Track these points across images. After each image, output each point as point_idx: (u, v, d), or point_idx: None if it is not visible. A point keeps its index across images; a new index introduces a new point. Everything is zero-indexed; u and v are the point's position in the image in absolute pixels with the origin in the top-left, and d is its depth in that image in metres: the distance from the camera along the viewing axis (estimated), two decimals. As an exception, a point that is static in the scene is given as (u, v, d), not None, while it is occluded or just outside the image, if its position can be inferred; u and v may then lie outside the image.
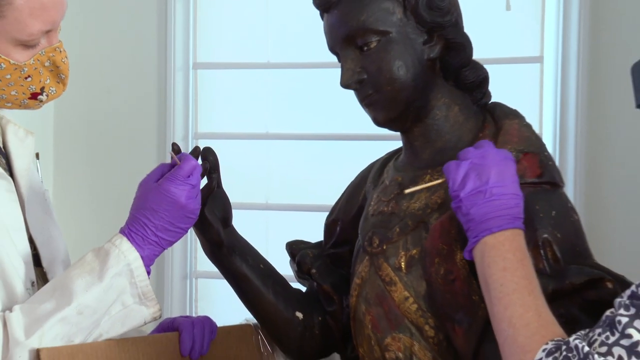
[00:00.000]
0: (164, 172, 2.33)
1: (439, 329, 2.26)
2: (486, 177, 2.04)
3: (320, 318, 2.52)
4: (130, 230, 2.28)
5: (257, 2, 4.30)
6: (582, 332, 1.82)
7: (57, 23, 2.31)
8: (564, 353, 1.80)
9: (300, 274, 2.56)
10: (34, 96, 2.34)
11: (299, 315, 2.51)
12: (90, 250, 2.30)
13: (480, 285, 2.03)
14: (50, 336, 2.17)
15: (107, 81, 4.43)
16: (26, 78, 2.30)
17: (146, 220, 2.27)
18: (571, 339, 1.81)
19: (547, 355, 1.83)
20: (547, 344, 1.85)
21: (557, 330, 1.90)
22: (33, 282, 2.34)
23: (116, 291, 2.26)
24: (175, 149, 2.43)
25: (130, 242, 2.27)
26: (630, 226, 3.42)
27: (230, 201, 2.51)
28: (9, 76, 2.26)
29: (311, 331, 2.53)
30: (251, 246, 2.54)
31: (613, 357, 1.74)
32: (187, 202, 2.28)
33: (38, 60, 2.30)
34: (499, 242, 2.01)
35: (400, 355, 2.31)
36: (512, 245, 2.01)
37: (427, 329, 2.27)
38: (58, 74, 2.37)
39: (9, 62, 2.24)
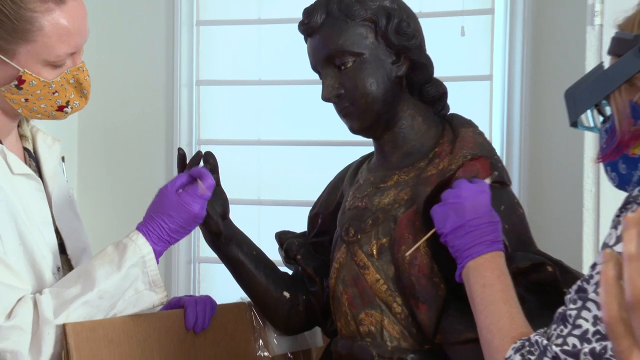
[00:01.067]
0: (183, 183, 2.35)
1: (405, 306, 2.27)
2: (462, 214, 2.10)
3: (304, 297, 2.52)
4: (148, 229, 2.32)
5: (251, 28, 4.28)
6: (542, 330, 1.83)
7: (80, 47, 2.31)
8: (527, 348, 1.83)
9: (287, 260, 2.55)
10: (61, 109, 2.33)
11: (286, 294, 2.51)
12: (110, 244, 2.32)
13: (469, 301, 2.06)
14: (75, 316, 2.19)
15: (123, 95, 4.40)
16: (54, 93, 2.28)
17: (163, 223, 2.31)
18: (532, 335, 1.83)
19: (515, 352, 1.85)
20: (515, 343, 1.87)
21: (526, 331, 1.92)
22: (59, 268, 2.35)
23: (131, 279, 2.29)
24: (181, 153, 2.47)
25: (146, 238, 2.30)
26: (565, 218, 3.42)
27: (228, 197, 2.51)
28: (39, 92, 2.25)
29: (296, 308, 2.52)
30: (245, 236, 2.53)
31: (568, 346, 1.75)
32: (199, 212, 2.33)
33: (64, 78, 2.28)
34: (479, 264, 2.06)
35: (372, 328, 2.31)
36: (490, 265, 2.06)
37: (395, 306, 2.28)
38: (81, 89, 2.35)
39: (39, 79, 2.23)
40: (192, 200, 2.32)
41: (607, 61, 1.87)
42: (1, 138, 2.34)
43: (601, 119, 1.88)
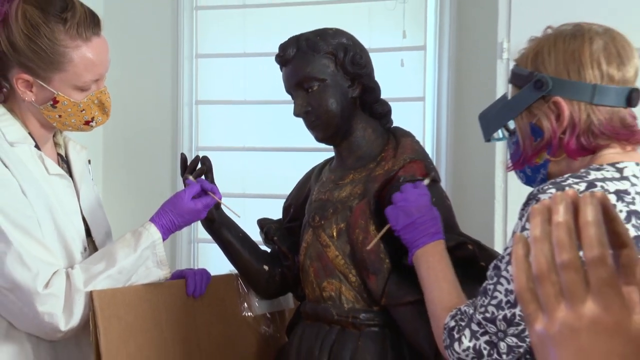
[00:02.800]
0: (197, 191, 2.40)
1: (359, 276, 2.28)
2: (410, 214, 2.12)
3: (279, 269, 2.51)
4: (160, 221, 2.36)
5: (238, 60, 4.26)
6: (470, 301, 1.86)
7: (102, 75, 2.31)
8: (459, 316, 1.86)
9: (266, 240, 2.54)
10: (87, 123, 2.33)
11: (265, 267, 2.50)
12: (129, 231, 2.35)
13: (419, 280, 2.09)
14: (99, 287, 2.22)
15: (139, 112, 4.37)
16: (81, 111, 2.29)
17: (174, 218, 2.37)
18: (462, 306, 1.86)
19: (450, 319, 1.88)
20: (452, 311, 1.89)
21: (460, 302, 1.94)
22: (85, 248, 2.35)
23: (143, 259, 2.32)
24: (183, 157, 2.49)
25: (157, 228, 2.34)
26: (481, 208, 3.43)
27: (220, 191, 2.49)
28: (69, 110, 2.27)
29: (273, 278, 2.51)
30: (234, 222, 2.52)
31: (488, 313, 1.77)
32: (204, 215, 2.41)
33: (90, 99, 2.29)
34: (424, 252, 2.09)
35: (333, 294, 2.32)
36: (432, 252, 2.09)
37: (351, 276, 2.28)
38: (103, 108, 2.35)
39: (70, 100, 2.25)
40: (203, 209, 2.39)
41: (510, 89, 1.88)
42: (40, 146, 2.33)
43: (508, 134, 1.89)
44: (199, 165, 2.46)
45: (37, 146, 2.32)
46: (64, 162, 2.46)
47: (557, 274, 0.85)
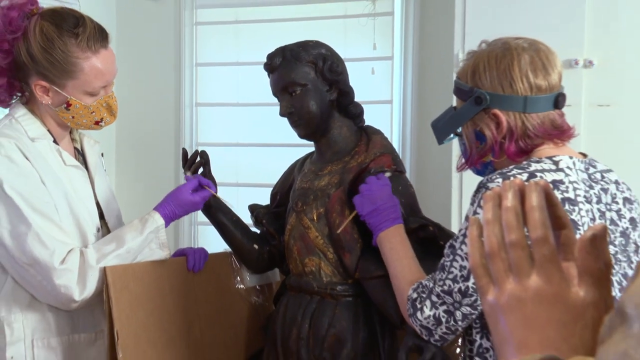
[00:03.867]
0: (195, 186, 2.42)
1: (336, 254, 2.28)
2: (374, 202, 2.13)
3: (267, 248, 2.50)
4: (163, 210, 2.39)
5: (233, 68, 4.26)
6: (430, 275, 1.87)
7: (110, 82, 2.34)
8: (420, 289, 1.86)
9: (256, 223, 2.53)
10: (97, 123, 2.37)
11: (255, 246, 2.49)
12: (137, 218, 2.38)
13: (383, 258, 2.10)
14: (109, 264, 2.24)
15: (146, 112, 4.37)
16: (91, 113, 2.33)
17: (175, 209, 2.40)
18: (423, 280, 1.87)
19: (413, 292, 1.88)
20: (414, 285, 1.90)
21: (421, 276, 1.94)
22: (99, 229, 2.37)
23: (148, 241, 2.35)
24: (184, 151, 2.46)
25: (161, 215, 2.37)
26: (439, 195, 3.43)
27: (216, 180, 2.49)
28: (81, 112, 2.31)
29: (262, 256, 2.50)
30: (228, 207, 2.51)
31: (446, 286, 1.79)
32: (201, 206, 2.47)
33: (99, 102, 2.33)
34: (386, 234, 2.10)
35: (313, 269, 2.31)
36: (394, 234, 2.09)
37: (329, 254, 2.28)
38: (111, 110, 2.38)
39: (81, 104, 2.29)
40: (201, 201, 2.42)
41: (455, 100, 1.91)
42: (58, 141, 2.36)
43: (458, 137, 1.93)
44: (198, 159, 2.45)
45: (55, 141, 2.35)
46: (80, 154, 2.48)
47: (506, 252, 0.86)
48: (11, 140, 2.22)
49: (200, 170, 2.44)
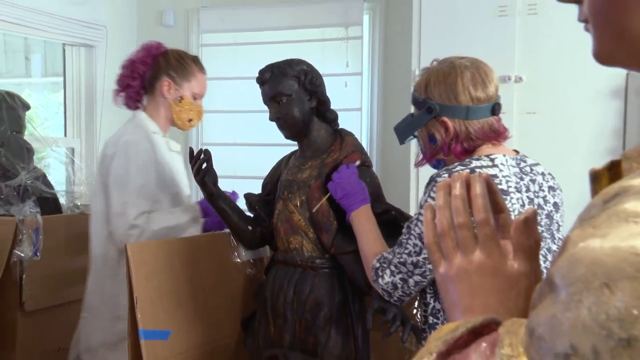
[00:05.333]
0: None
1: (315, 233, 2.27)
2: (344, 187, 2.14)
3: (259, 229, 2.48)
4: (201, 202, 2.71)
5: (233, 82, 4.24)
6: (390, 249, 1.89)
7: (203, 95, 2.82)
8: (382, 260, 1.87)
9: (250, 208, 2.51)
10: (189, 121, 2.78)
11: (250, 227, 2.47)
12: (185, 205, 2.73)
13: (355, 234, 2.09)
14: (157, 228, 2.55)
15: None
16: (189, 111, 2.76)
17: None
18: (384, 253, 1.88)
19: (376, 262, 1.89)
20: (377, 256, 1.90)
21: (384, 250, 1.95)
22: (189, 195, 2.86)
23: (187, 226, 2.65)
24: (191, 150, 2.42)
25: (200, 206, 2.72)
26: (400, 186, 3.42)
27: (217, 173, 2.46)
28: (186, 107, 2.74)
29: (255, 235, 2.48)
30: (227, 195, 2.49)
31: (402, 259, 1.82)
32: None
33: (194, 106, 2.77)
34: (356, 214, 2.09)
35: (297, 246, 2.30)
36: (362, 214, 2.09)
37: (310, 233, 2.27)
38: (199, 115, 2.83)
39: (188, 100, 2.74)
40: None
41: (413, 108, 1.92)
42: (164, 132, 2.77)
43: (416, 139, 1.94)
44: (202, 156, 2.41)
45: (164, 136, 2.75)
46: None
47: (454, 232, 0.86)
48: (143, 133, 2.64)
49: (204, 165, 2.41)
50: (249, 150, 4.28)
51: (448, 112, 1.79)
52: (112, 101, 2.82)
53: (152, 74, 2.73)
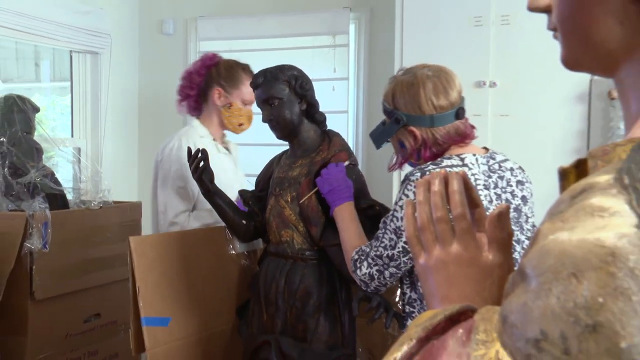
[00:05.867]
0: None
1: (305, 227, 2.26)
2: (331, 183, 2.12)
3: (253, 223, 2.47)
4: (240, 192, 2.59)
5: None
6: (368, 242, 1.88)
7: (252, 101, 2.77)
8: (360, 252, 1.87)
9: (244, 203, 2.50)
10: (239, 125, 2.84)
11: (244, 222, 2.47)
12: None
13: (337, 227, 2.07)
14: (197, 224, 2.67)
15: (162, 119, 4.32)
16: (239, 116, 2.82)
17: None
18: (363, 246, 1.88)
19: (355, 254, 1.88)
20: (357, 249, 1.89)
21: (363, 243, 1.93)
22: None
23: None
24: (189, 149, 2.42)
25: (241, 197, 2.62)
26: (382, 183, 3.42)
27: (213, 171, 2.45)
28: (235, 113, 2.80)
29: (249, 229, 2.47)
30: (223, 192, 2.47)
31: (378, 252, 1.81)
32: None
33: (244, 111, 2.83)
34: (339, 209, 2.08)
35: (288, 239, 2.30)
36: (345, 209, 2.07)
37: (300, 227, 2.27)
38: (249, 120, 2.86)
39: (237, 106, 2.81)
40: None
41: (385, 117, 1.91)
42: (216, 139, 2.85)
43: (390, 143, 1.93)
44: (200, 155, 2.40)
45: (214, 140, 2.83)
46: (229, 152, 2.93)
47: (433, 226, 0.86)
48: (189, 138, 2.72)
49: (202, 163, 2.40)
50: (243, 149, 4.23)
51: (414, 121, 1.78)
52: (176, 110, 3.01)
53: (206, 83, 2.83)
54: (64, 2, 3.71)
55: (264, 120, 2.31)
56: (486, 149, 1.86)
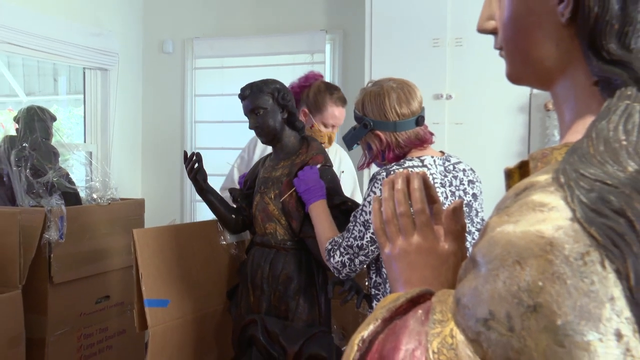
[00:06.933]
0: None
1: (286, 221, 2.23)
2: (306, 183, 2.09)
3: (241, 217, 2.45)
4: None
5: (220, 98, 4.19)
6: (340, 234, 1.87)
7: (334, 124, 2.71)
8: (333, 243, 1.86)
9: (233, 200, 2.48)
10: (321, 144, 2.56)
11: (233, 216, 2.44)
12: None
13: (312, 222, 2.05)
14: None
15: (162, 126, 4.29)
16: (320, 137, 2.65)
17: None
18: (335, 237, 1.86)
19: (329, 244, 1.86)
20: (330, 240, 1.88)
21: (335, 234, 1.92)
22: None
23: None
24: (185, 153, 2.39)
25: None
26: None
27: (207, 172, 2.42)
28: (315, 134, 2.65)
29: (237, 222, 2.45)
30: (215, 190, 2.45)
31: (349, 242, 1.80)
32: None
33: (325, 132, 2.70)
34: (314, 206, 2.05)
35: (272, 231, 2.26)
36: (319, 206, 2.05)
37: (282, 221, 2.24)
38: (330, 140, 2.73)
39: (317, 128, 2.67)
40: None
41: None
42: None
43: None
44: (195, 158, 2.37)
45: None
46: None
47: (397, 219, 0.85)
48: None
49: (196, 165, 2.38)
50: (233, 153, 4.24)
51: (380, 126, 1.79)
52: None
53: (298, 102, 2.75)
54: (78, 26, 3.70)
55: (250, 127, 2.29)
56: (442, 152, 1.86)
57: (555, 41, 0.61)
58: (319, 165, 2.20)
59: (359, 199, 2.85)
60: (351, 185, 2.85)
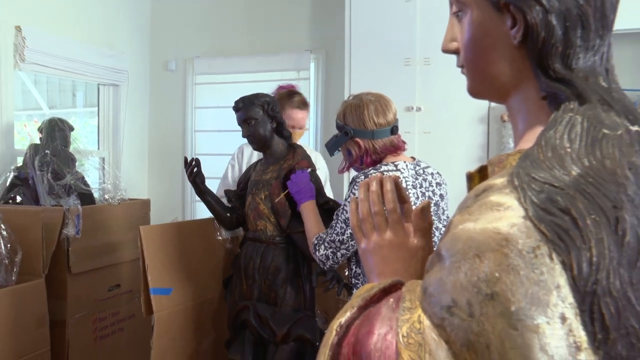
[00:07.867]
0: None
1: (275, 219, 2.22)
2: (297, 185, 2.07)
3: (235, 215, 2.43)
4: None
5: (216, 110, 4.16)
6: (325, 230, 1.85)
7: (294, 126, 2.62)
8: (319, 238, 1.84)
9: (229, 200, 2.46)
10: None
11: (228, 214, 2.42)
12: None
13: (303, 221, 2.02)
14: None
15: (166, 135, 4.25)
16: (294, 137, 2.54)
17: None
18: (321, 233, 1.85)
19: (315, 240, 1.85)
20: (317, 235, 1.86)
21: (321, 231, 1.90)
22: None
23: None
24: (185, 158, 2.37)
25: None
26: (336, 185, 3.41)
27: (205, 175, 2.39)
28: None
29: (232, 220, 2.43)
30: (212, 192, 2.43)
31: (332, 237, 1.80)
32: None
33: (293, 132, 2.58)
34: (304, 206, 2.02)
35: (262, 227, 2.26)
36: (308, 206, 2.03)
37: (272, 219, 2.23)
38: (297, 137, 2.62)
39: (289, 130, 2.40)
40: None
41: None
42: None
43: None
44: (194, 163, 2.35)
45: None
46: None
47: (372, 217, 0.84)
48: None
49: (196, 169, 2.35)
50: (229, 158, 4.22)
51: (359, 134, 1.78)
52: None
53: None
54: (94, 48, 3.73)
55: (243, 136, 2.27)
56: (413, 158, 1.86)
57: (509, 61, 0.62)
58: (309, 170, 2.19)
59: (329, 191, 2.82)
60: (323, 179, 2.83)
